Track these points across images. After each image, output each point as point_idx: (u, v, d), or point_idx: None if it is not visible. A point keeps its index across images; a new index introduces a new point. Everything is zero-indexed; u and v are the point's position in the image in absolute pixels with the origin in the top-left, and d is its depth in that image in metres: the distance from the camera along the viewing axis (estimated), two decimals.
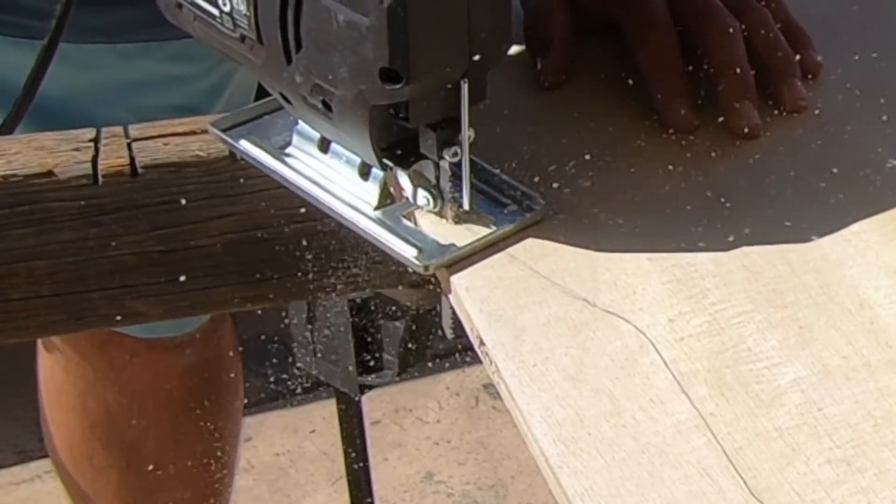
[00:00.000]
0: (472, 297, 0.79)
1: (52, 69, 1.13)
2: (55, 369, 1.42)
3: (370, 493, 1.61)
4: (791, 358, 0.75)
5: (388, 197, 0.83)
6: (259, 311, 1.28)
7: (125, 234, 0.96)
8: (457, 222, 0.81)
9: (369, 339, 1.49)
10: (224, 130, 0.88)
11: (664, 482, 0.68)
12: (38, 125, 1.09)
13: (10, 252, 0.95)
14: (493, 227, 0.81)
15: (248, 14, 0.79)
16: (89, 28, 1.12)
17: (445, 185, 0.81)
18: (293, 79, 0.79)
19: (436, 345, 2.09)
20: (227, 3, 0.80)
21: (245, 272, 1.00)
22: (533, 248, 0.81)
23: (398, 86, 0.73)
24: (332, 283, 1.02)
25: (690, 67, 0.93)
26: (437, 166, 0.80)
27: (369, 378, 1.51)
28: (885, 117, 0.93)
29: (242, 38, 0.81)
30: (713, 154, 0.89)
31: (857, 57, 0.98)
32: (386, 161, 0.80)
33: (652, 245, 0.82)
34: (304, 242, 0.99)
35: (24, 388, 1.56)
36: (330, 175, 0.84)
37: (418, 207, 0.82)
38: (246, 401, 1.54)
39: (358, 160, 0.82)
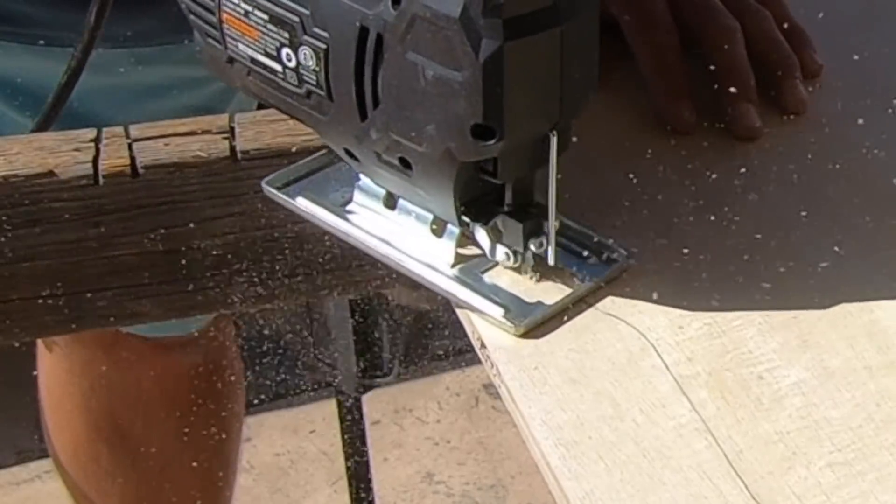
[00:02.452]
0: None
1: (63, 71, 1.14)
2: (58, 371, 1.41)
3: (370, 493, 1.62)
4: (792, 361, 0.75)
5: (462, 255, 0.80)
6: (259, 312, 1.28)
7: (126, 234, 0.96)
8: (538, 278, 0.79)
9: (369, 339, 1.49)
10: (279, 188, 0.86)
11: (665, 485, 0.68)
12: (53, 129, 1.10)
13: (11, 252, 0.95)
14: (578, 282, 0.78)
15: (316, 69, 0.77)
16: (108, 35, 1.12)
17: (530, 249, 0.78)
18: (367, 135, 0.76)
19: (436, 345, 2.10)
20: (293, 58, 0.78)
21: (245, 272, 1.00)
22: None
23: (491, 142, 0.71)
24: (332, 284, 1.02)
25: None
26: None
27: (369, 378, 1.51)
28: (885, 117, 0.93)
29: (308, 94, 0.78)
30: (712, 155, 0.89)
31: (856, 57, 0.98)
32: (464, 217, 0.78)
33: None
34: (305, 243, 0.99)
35: (24, 388, 1.55)
36: (398, 232, 0.81)
37: (496, 264, 0.79)
38: (246, 401, 1.54)
39: (430, 217, 0.80)
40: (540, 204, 0.76)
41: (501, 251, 0.78)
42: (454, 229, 0.79)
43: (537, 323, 0.76)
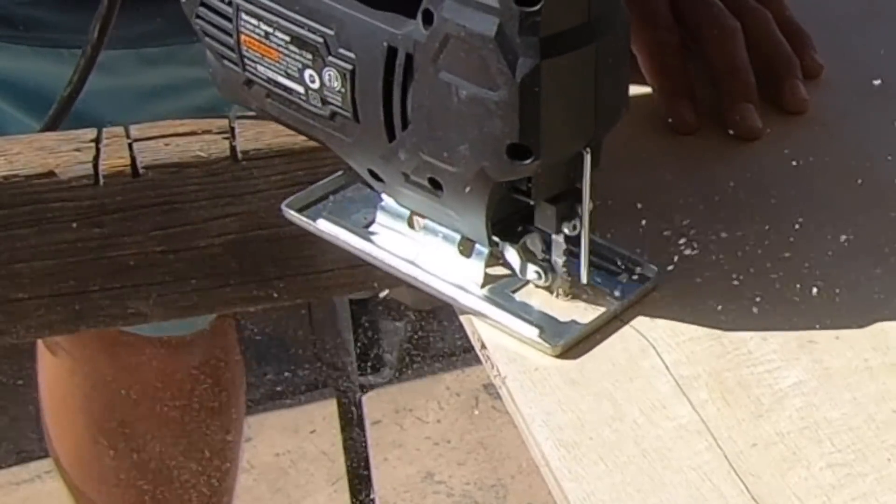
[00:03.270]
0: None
1: (71, 73, 1.14)
2: (60, 373, 1.41)
3: (370, 493, 1.62)
4: (792, 362, 0.75)
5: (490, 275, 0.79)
6: (259, 311, 1.28)
7: (126, 234, 0.96)
8: (569, 296, 0.78)
9: (369, 339, 1.49)
10: (299, 210, 0.85)
11: (665, 487, 0.68)
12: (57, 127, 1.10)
13: (12, 252, 0.95)
14: (611, 300, 0.77)
15: (342, 90, 0.76)
16: (114, 36, 1.13)
17: (559, 258, 0.77)
18: (395, 156, 0.75)
19: (436, 345, 2.10)
20: (317, 79, 0.77)
21: (246, 272, 1.00)
22: None
23: (526, 162, 0.70)
24: (332, 284, 1.02)
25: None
26: (550, 240, 0.76)
27: (369, 378, 1.51)
28: (885, 118, 0.93)
29: (332, 116, 0.77)
30: (713, 155, 0.89)
31: (857, 57, 0.98)
32: (494, 237, 0.77)
33: None
34: (305, 242, 0.99)
35: (24, 388, 1.56)
36: (424, 253, 0.80)
37: (527, 282, 0.78)
38: (246, 401, 1.54)
39: (457, 237, 0.78)
40: (573, 190, 0.75)
41: (532, 270, 0.77)
42: (482, 249, 0.78)
43: (574, 343, 0.75)
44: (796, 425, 0.71)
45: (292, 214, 0.85)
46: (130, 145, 0.95)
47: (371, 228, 0.82)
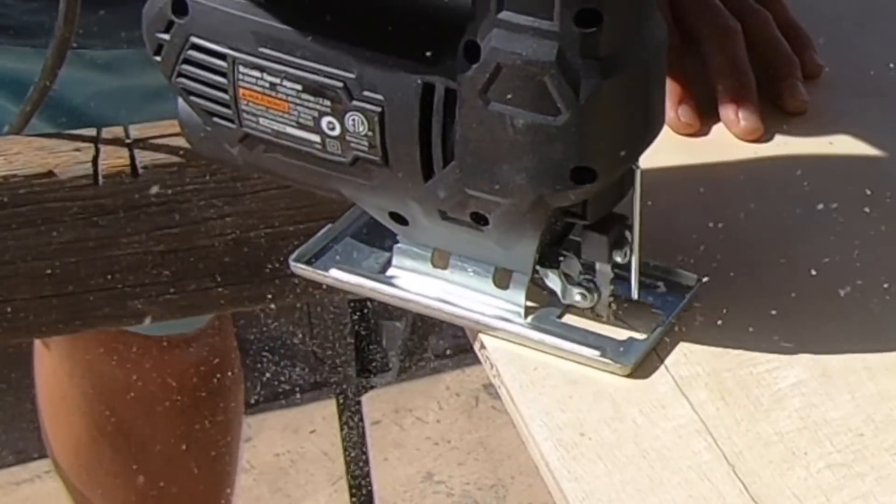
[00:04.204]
0: None
1: (79, 73, 1.14)
2: (58, 373, 1.41)
3: (370, 493, 1.62)
4: (791, 361, 0.75)
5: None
6: (259, 311, 1.28)
7: (126, 234, 0.96)
8: (617, 315, 0.76)
9: (369, 339, 1.49)
10: (308, 263, 0.82)
11: (664, 486, 0.68)
12: (61, 129, 1.10)
13: (11, 252, 0.95)
14: (657, 313, 0.76)
15: (369, 134, 0.73)
16: (118, 36, 1.13)
17: (604, 280, 0.76)
18: (431, 195, 0.73)
19: (436, 345, 2.09)
20: (337, 125, 0.74)
21: (245, 272, 1.00)
22: None
23: (587, 185, 0.70)
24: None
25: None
26: (588, 262, 0.75)
27: (369, 378, 1.51)
28: (885, 117, 0.93)
29: (354, 161, 0.75)
30: (713, 155, 0.89)
31: (858, 57, 0.98)
32: (536, 265, 0.76)
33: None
34: (304, 243, 0.99)
35: (24, 388, 1.55)
36: (453, 290, 0.78)
37: (567, 308, 0.77)
38: (246, 401, 1.54)
39: (491, 270, 0.77)
40: (615, 214, 0.75)
41: (575, 292, 0.76)
42: (522, 279, 0.77)
43: (642, 360, 0.74)
44: (795, 425, 0.71)
45: (302, 268, 0.82)
46: (130, 145, 0.95)
47: (389, 273, 0.80)
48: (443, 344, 2.19)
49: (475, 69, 0.69)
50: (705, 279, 0.78)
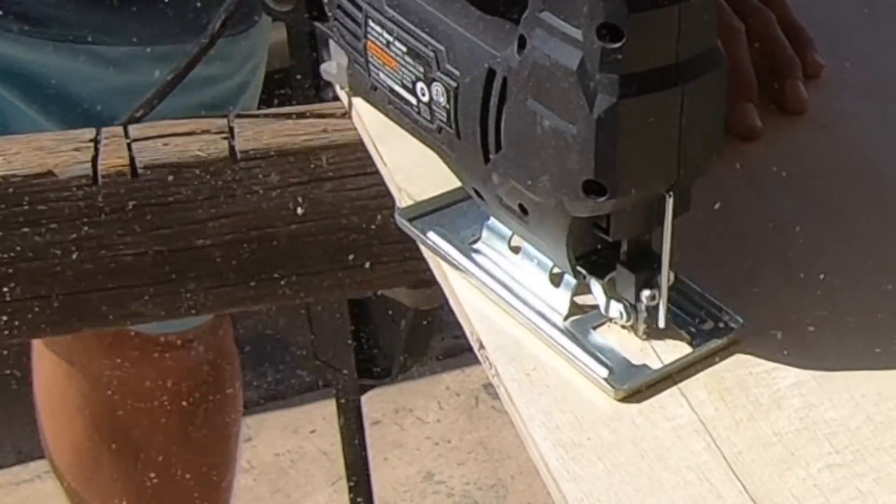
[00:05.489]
0: (472, 300, 0.79)
1: (87, 69, 1.14)
2: (57, 375, 1.41)
3: (370, 493, 1.61)
4: (790, 362, 0.74)
5: (578, 306, 0.77)
6: (259, 311, 1.28)
7: (125, 234, 0.96)
8: (648, 338, 0.75)
9: (369, 339, 1.49)
10: (410, 220, 0.83)
11: (663, 487, 0.68)
12: (68, 125, 1.10)
13: (11, 252, 0.95)
14: (689, 349, 0.74)
15: (447, 107, 0.75)
16: (128, 33, 1.13)
17: (642, 300, 0.74)
18: (489, 179, 0.74)
19: (436, 345, 2.09)
20: (426, 92, 0.76)
21: (245, 272, 1.00)
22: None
23: (602, 199, 0.69)
24: (332, 284, 1.02)
25: None
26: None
27: (369, 378, 1.51)
28: (885, 117, 0.93)
29: (440, 130, 0.77)
30: None
31: (858, 57, 0.98)
32: (580, 270, 0.75)
33: None
34: (304, 242, 0.99)
35: (24, 388, 1.55)
36: (519, 277, 0.78)
37: (610, 320, 0.76)
38: (246, 401, 1.54)
39: (550, 264, 0.77)
40: (655, 254, 0.73)
41: (616, 308, 0.75)
42: (571, 280, 0.76)
43: (638, 388, 0.73)
44: (795, 426, 0.71)
45: (404, 223, 0.84)
46: (129, 145, 0.95)
47: (476, 246, 0.81)
48: (443, 344, 2.19)
49: (520, 62, 0.69)
50: (747, 323, 0.76)
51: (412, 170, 0.88)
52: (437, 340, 2.09)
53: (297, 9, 0.88)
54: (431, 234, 0.82)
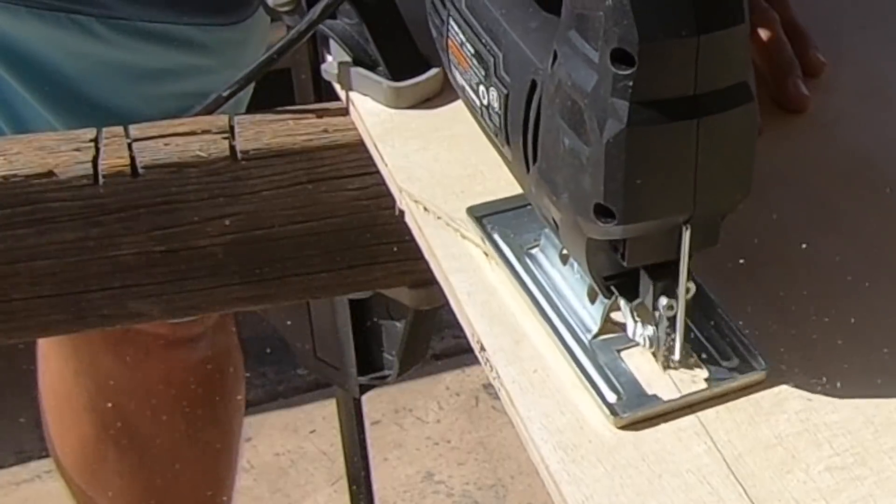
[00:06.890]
0: (473, 301, 0.79)
1: (75, 42, 1.13)
2: (63, 374, 1.41)
3: (370, 493, 1.61)
4: (791, 364, 0.74)
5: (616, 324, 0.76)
6: (259, 311, 1.28)
7: (126, 234, 0.96)
8: (666, 368, 0.74)
9: (369, 339, 1.49)
10: (479, 219, 0.83)
11: (664, 490, 0.68)
12: (50, 101, 1.09)
13: (11, 252, 0.95)
14: (704, 385, 0.73)
15: (500, 113, 0.76)
16: (114, 6, 1.12)
17: (662, 328, 0.74)
18: (530, 188, 0.75)
19: (436, 345, 2.09)
20: (486, 96, 0.77)
21: (245, 272, 1.00)
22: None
23: (611, 224, 0.68)
24: (332, 284, 1.02)
25: None
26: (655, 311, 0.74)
27: (369, 378, 1.51)
28: (885, 118, 0.93)
29: (496, 134, 0.78)
30: None
31: (858, 57, 0.98)
32: (612, 289, 0.74)
33: None
34: (304, 242, 0.99)
35: (24, 388, 1.55)
36: (563, 289, 0.78)
37: (636, 344, 0.75)
38: (246, 400, 1.54)
39: (588, 280, 0.76)
40: (675, 268, 0.72)
41: (641, 334, 0.75)
42: (605, 298, 0.76)
43: (642, 418, 0.72)
44: (795, 428, 0.71)
45: (471, 221, 0.83)
46: (130, 145, 0.95)
47: (533, 252, 0.81)
48: (443, 344, 2.19)
49: (550, 77, 0.69)
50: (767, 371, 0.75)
51: (412, 170, 0.88)
52: (437, 340, 2.10)
53: (296, 8, 0.88)
54: (496, 236, 0.82)
